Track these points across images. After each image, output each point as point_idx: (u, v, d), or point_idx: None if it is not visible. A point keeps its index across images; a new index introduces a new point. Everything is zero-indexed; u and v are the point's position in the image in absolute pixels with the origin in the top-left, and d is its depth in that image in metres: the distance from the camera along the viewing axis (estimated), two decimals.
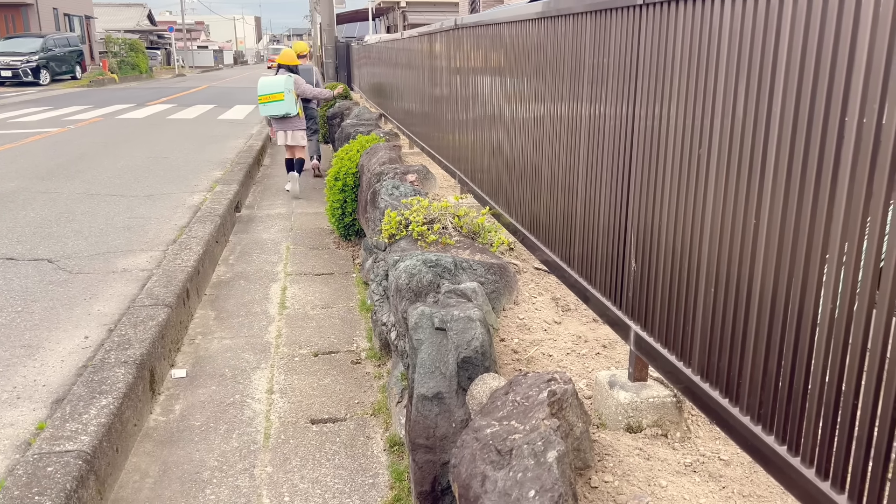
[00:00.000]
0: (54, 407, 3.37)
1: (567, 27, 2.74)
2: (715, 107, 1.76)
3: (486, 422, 1.90)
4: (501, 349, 2.86)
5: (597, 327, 3.03)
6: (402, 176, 5.14)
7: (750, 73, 1.61)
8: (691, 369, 1.92)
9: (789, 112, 1.49)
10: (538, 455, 1.69)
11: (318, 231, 7.09)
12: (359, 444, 3.37)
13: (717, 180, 1.76)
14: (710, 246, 1.80)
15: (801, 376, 1.49)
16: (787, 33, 1.49)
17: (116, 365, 3.48)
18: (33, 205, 7.40)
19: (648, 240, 2.15)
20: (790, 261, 1.51)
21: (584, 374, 2.63)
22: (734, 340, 1.72)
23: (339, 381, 3.99)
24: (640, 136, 2.17)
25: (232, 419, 3.56)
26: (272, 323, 4.78)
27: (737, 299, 1.70)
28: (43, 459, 2.68)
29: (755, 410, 1.64)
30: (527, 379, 2.05)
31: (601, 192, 2.51)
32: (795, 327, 1.51)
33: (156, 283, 4.71)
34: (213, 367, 4.12)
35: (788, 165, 1.50)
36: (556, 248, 3.02)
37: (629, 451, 2.13)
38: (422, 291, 3.02)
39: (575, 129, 2.74)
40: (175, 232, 6.38)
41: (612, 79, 2.36)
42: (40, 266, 5.47)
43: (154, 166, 9.76)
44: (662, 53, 2.01)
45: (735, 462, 2.11)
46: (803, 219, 1.47)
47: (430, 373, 2.40)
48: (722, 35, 1.71)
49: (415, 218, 3.74)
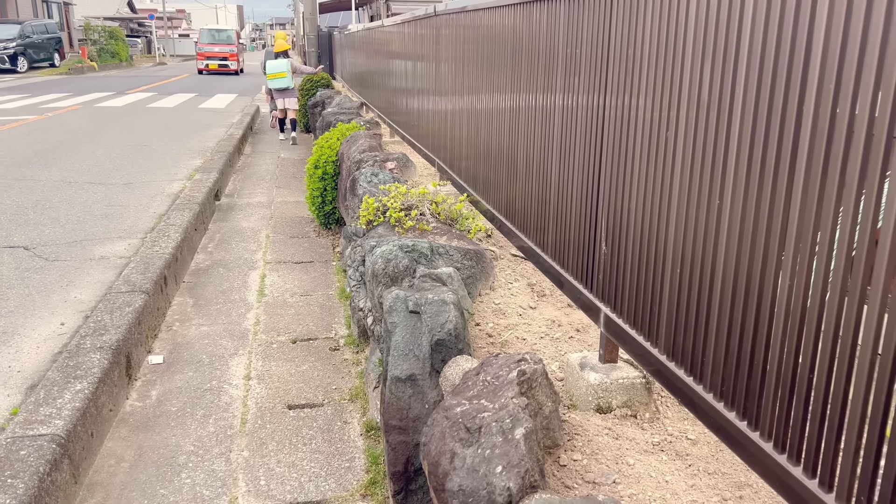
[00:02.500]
0: (28, 392, 3.36)
1: (542, 14, 2.76)
2: (682, 93, 1.79)
3: (457, 401, 1.93)
4: (476, 333, 2.89)
5: (571, 312, 3.07)
6: (381, 164, 5.14)
7: (714, 59, 1.64)
8: (658, 349, 1.95)
9: (751, 98, 1.52)
10: (506, 432, 1.72)
11: (298, 220, 7.07)
12: (336, 429, 3.39)
13: (683, 164, 1.80)
14: (676, 229, 1.84)
15: (760, 354, 1.53)
16: (750, 18, 1.52)
17: (92, 350, 3.47)
18: (9, 192, 7.31)
19: (618, 224, 2.18)
20: (751, 243, 1.55)
21: (557, 357, 2.67)
22: (698, 320, 1.75)
23: (317, 368, 4.00)
24: (610, 120, 2.20)
25: (209, 405, 3.57)
26: (251, 310, 4.78)
27: (700, 280, 1.74)
28: (16, 443, 2.68)
29: (718, 388, 1.68)
30: (498, 360, 2.07)
31: (574, 178, 2.53)
32: (755, 307, 1.54)
33: (133, 269, 4.68)
34: (190, 353, 4.12)
35: (749, 152, 1.54)
36: (532, 234, 3.05)
37: (598, 431, 2.17)
38: (398, 277, 3.04)
39: (549, 118, 2.76)
40: (153, 220, 6.34)
41: (585, 67, 2.38)
42: (16, 253, 5.41)
43: (133, 154, 9.67)
44: (631, 41, 2.04)
45: (702, 441, 2.15)
46: (763, 203, 1.50)
47: (404, 355, 2.42)
48: (689, 21, 1.74)
49: (392, 204, 3.76)
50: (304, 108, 12.28)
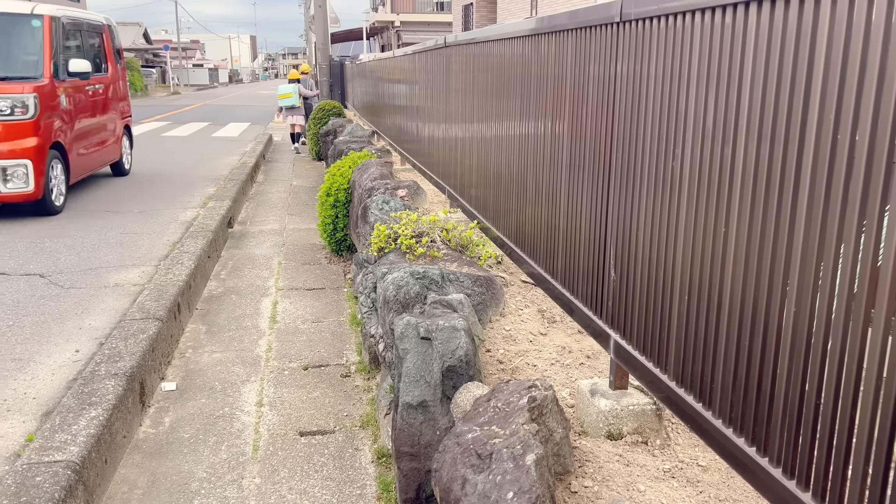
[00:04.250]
0: (44, 419, 3.39)
1: (550, 45, 2.82)
2: (687, 119, 1.82)
3: (468, 427, 1.94)
4: (487, 360, 2.90)
5: (581, 339, 3.08)
6: (392, 191, 5.20)
7: (718, 87, 1.68)
8: (667, 375, 1.97)
9: (754, 127, 1.56)
10: (517, 458, 1.73)
11: (309, 246, 7.13)
12: (347, 456, 3.40)
13: (689, 192, 1.82)
14: (684, 256, 1.86)
15: (767, 380, 1.55)
16: (752, 49, 1.56)
17: (106, 377, 3.51)
18: (26, 221, 7.43)
19: (626, 251, 2.21)
20: (756, 270, 1.57)
21: (568, 384, 2.68)
22: (706, 347, 1.77)
23: (328, 394, 4.02)
24: (617, 150, 2.24)
25: (221, 431, 3.59)
26: (263, 337, 4.81)
27: (708, 307, 1.76)
28: (32, 469, 2.71)
29: (727, 414, 1.69)
30: (508, 386, 2.09)
31: (582, 205, 2.57)
32: (762, 333, 1.56)
33: (147, 297, 4.74)
34: (203, 380, 4.15)
35: (754, 179, 1.57)
36: (542, 261, 3.08)
37: (609, 458, 2.18)
38: (409, 303, 3.07)
39: (557, 146, 2.81)
40: (167, 247, 6.42)
41: (592, 96, 2.43)
42: (32, 280, 5.49)
43: (147, 183, 9.81)
44: (638, 70, 2.08)
45: (713, 468, 2.15)
46: (767, 231, 1.53)
47: (415, 381, 2.44)
48: (693, 51, 1.78)
49: (403, 231, 3.80)
50: (317, 135, 12.43)
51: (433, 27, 33.69)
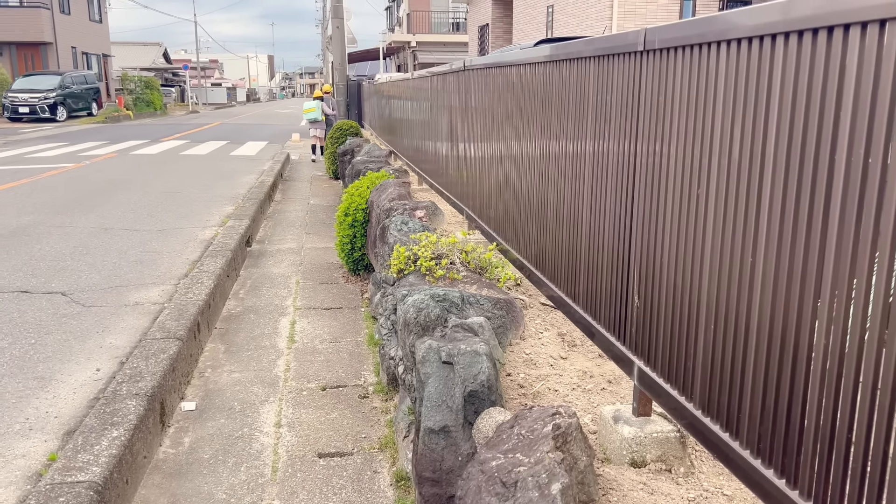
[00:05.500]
0: (65, 438, 3.42)
1: (572, 71, 2.84)
2: (713, 148, 1.83)
3: (492, 454, 1.94)
4: (508, 384, 2.90)
5: (602, 363, 3.07)
6: (411, 212, 5.22)
7: (745, 116, 1.68)
8: (693, 404, 1.96)
9: (782, 154, 1.56)
10: (542, 487, 1.72)
11: (327, 266, 7.16)
12: (366, 479, 3.39)
13: (716, 218, 1.82)
14: (710, 282, 1.86)
15: (797, 411, 1.53)
16: (779, 81, 1.56)
17: (128, 397, 3.53)
18: (48, 239, 7.53)
19: (650, 276, 2.20)
20: (785, 298, 1.56)
21: (590, 410, 2.66)
22: (733, 375, 1.76)
23: (346, 416, 4.02)
24: (642, 178, 2.25)
25: (240, 452, 3.59)
26: (281, 357, 4.83)
27: (735, 335, 1.75)
28: (55, 490, 2.72)
29: (755, 444, 1.68)
30: (532, 412, 2.09)
31: (605, 229, 2.57)
32: (791, 363, 1.55)
33: (167, 316, 4.77)
34: (222, 400, 4.17)
35: (782, 205, 1.56)
36: (562, 284, 3.08)
37: (633, 486, 2.16)
38: (429, 326, 3.07)
39: (579, 169, 2.81)
40: (186, 266, 6.47)
41: (615, 121, 2.44)
42: (54, 299, 5.55)
43: (167, 201, 9.92)
44: (662, 97, 2.09)
45: (738, 497, 2.13)
46: (797, 257, 1.52)
47: (437, 406, 2.44)
48: (718, 81, 1.79)
49: (423, 253, 3.81)
50: (334, 155, 12.52)
51: (449, 47, 33.97)
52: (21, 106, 28.02)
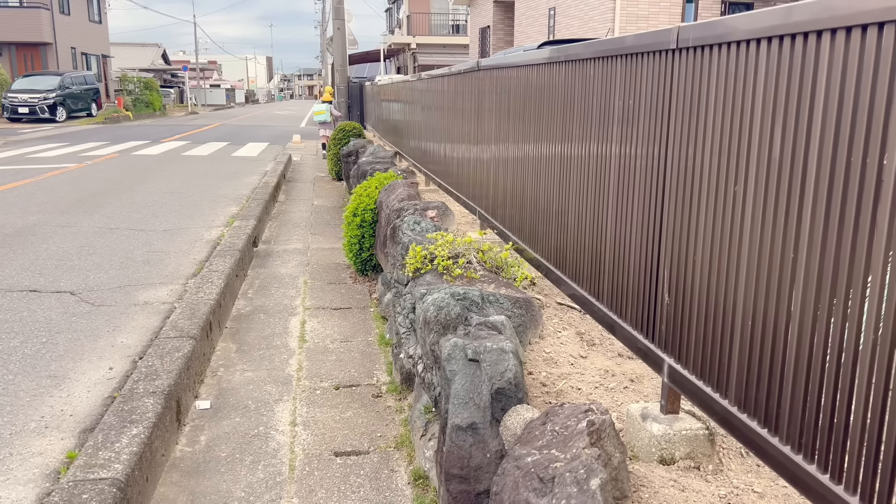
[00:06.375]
0: (82, 436, 3.41)
1: (596, 70, 2.84)
2: (751, 148, 1.83)
3: (527, 450, 1.94)
4: (530, 382, 2.90)
5: (623, 362, 3.07)
6: (422, 212, 5.23)
7: (787, 116, 1.69)
8: (728, 400, 1.96)
9: (827, 154, 1.56)
10: (581, 483, 1.72)
11: (334, 266, 7.16)
12: (383, 477, 3.39)
13: (754, 218, 1.83)
14: (748, 280, 1.86)
15: (843, 405, 1.54)
16: (824, 79, 1.57)
17: (145, 395, 3.53)
18: (55, 238, 7.51)
19: (682, 276, 2.21)
20: (829, 296, 1.57)
21: (614, 408, 2.67)
22: (773, 371, 1.76)
23: (360, 415, 4.01)
24: (673, 178, 2.25)
25: (257, 450, 3.59)
26: (293, 356, 4.82)
27: (775, 332, 1.75)
28: (78, 486, 2.71)
29: (795, 440, 1.68)
30: (564, 409, 2.09)
31: (632, 229, 2.57)
32: (835, 360, 1.55)
33: (180, 315, 4.77)
34: (236, 399, 4.16)
35: (827, 204, 1.57)
36: (584, 283, 3.08)
37: (664, 483, 2.16)
38: (450, 324, 3.07)
39: (604, 169, 2.82)
40: (194, 266, 6.47)
41: (644, 120, 2.44)
42: (63, 298, 5.54)
43: (171, 202, 9.90)
44: (696, 98, 2.10)
45: (769, 494, 2.13)
46: (842, 255, 1.53)
47: (464, 403, 2.44)
48: (758, 81, 1.80)
49: (440, 252, 3.81)
50: (337, 156, 12.52)
51: (449, 50, 34.01)
52: (21, 106, 27.98)
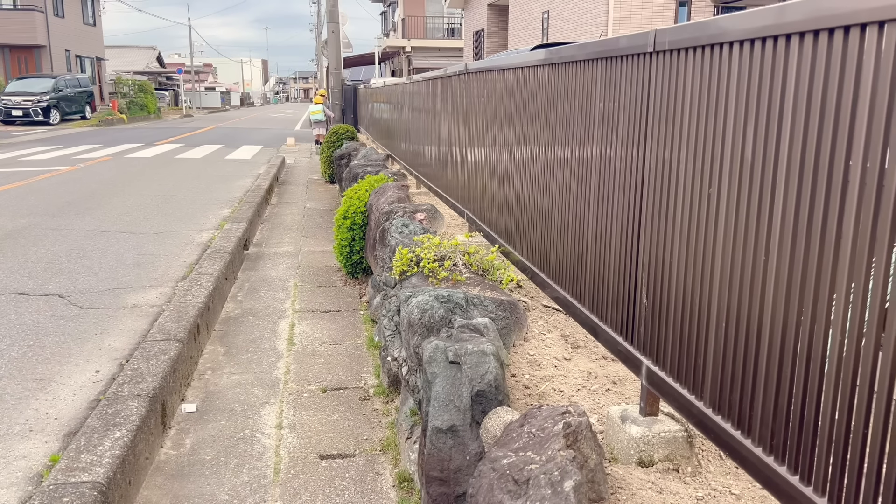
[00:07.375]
0: (66, 439, 3.40)
1: (578, 73, 2.86)
2: (724, 149, 1.84)
3: (503, 452, 1.94)
4: (513, 384, 2.90)
5: (606, 364, 3.08)
6: (411, 215, 5.23)
7: (758, 117, 1.70)
8: (703, 402, 1.96)
9: (796, 155, 1.57)
10: (555, 484, 1.73)
11: (324, 269, 7.16)
12: (368, 480, 3.39)
13: (727, 220, 1.84)
14: (721, 283, 1.87)
15: (811, 407, 1.54)
16: (793, 81, 1.58)
17: (130, 398, 3.52)
18: (44, 241, 7.49)
19: (660, 277, 2.21)
20: (799, 297, 1.58)
21: (595, 410, 2.67)
22: (745, 374, 1.77)
23: (347, 418, 4.01)
24: (651, 178, 2.26)
25: (242, 454, 3.58)
26: (281, 359, 4.82)
27: (748, 334, 1.76)
28: (59, 490, 2.71)
29: (767, 441, 1.68)
30: (542, 411, 2.09)
31: (612, 231, 2.58)
32: (805, 361, 1.56)
33: (167, 318, 4.76)
34: (222, 401, 4.15)
35: (796, 206, 1.58)
36: (567, 286, 3.08)
37: (641, 485, 2.16)
38: (434, 326, 3.07)
39: (585, 171, 2.83)
40: (184, 269, 6.46)
41: (623, 123, 2.45)
42: (51, 301, 5.52)
43: (163, 204, 9.89)
44: (672, 99, 2.11)
45: (746, 496, 2.14)
46: (811, 257, 1.54)
47: (445, 406, 2.44)
48: (731, 81, 1.81)
49: (426, 255, 3.82)
50: (330, 159, 12.52)
51: (444, 53, 34.05)
52: (14, 109, 27.91)
